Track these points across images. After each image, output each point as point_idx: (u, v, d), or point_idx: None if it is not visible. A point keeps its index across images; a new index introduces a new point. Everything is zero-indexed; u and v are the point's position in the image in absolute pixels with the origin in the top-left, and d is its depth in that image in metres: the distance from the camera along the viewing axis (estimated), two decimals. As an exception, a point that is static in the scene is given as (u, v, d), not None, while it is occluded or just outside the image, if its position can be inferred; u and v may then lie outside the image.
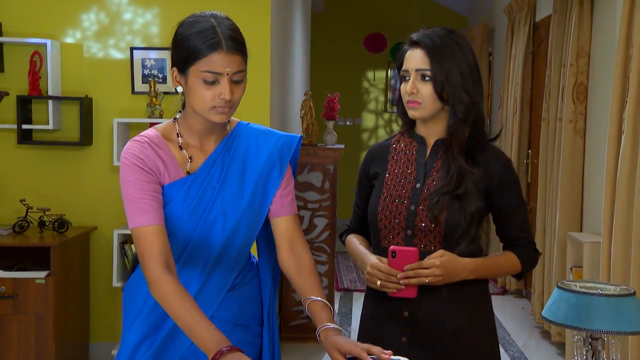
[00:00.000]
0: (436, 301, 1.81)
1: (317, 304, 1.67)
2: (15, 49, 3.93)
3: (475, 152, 1.81)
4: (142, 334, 1.76)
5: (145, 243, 1.60)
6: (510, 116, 5.90)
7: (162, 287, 1.58)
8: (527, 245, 1.88)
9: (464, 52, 1.79)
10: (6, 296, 3.53)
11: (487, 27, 7.36)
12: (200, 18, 1.67)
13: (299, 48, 5.99)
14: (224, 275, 1.76)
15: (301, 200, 4.43)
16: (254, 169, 1.75)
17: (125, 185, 1.64)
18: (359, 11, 8.94)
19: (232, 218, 1.71)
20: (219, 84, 1.62)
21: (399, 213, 1.83)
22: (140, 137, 1.70)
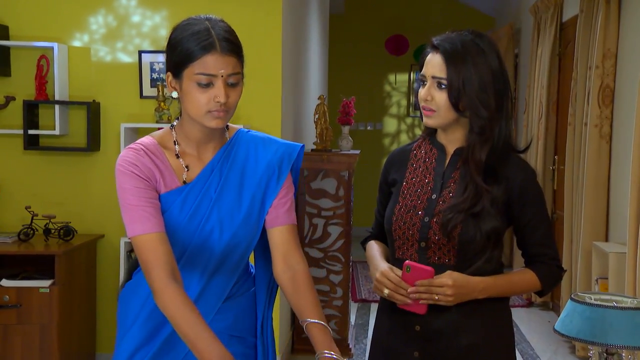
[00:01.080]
0: (449, 315, 1.78)
1: (315, 327, 1.66)
2: (22, 52, 3.99)
3: (497, 167, 1.76)
4: (137, 343, 1.76)
5: (148, 251, 1.60)
6: (536, 120, 5.84)
7: (168, 296, 1.58)
8: (548, 262, 1.83)
9: (487, 60, 1.73)
10: (10, 305, 3.57)
11: (513, 27, 7.31)
12: (194, 21, 1.68)
13: (315, 51, 5.99)
14: (221, 284, 1.76)
15: (314, 208, 4.42)
16: (253, 178, 1.74)
17: (122, 194, 1.64)
18: (381, 12, 8.93)
19: (229, 229, 1.71)
20: (214, 86, 1.61)
21: (412, 224, 1.81)
22: (135, 145, 1.70)
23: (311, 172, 4.42)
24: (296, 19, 4.67)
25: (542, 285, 1.83)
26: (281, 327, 4.17)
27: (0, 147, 3.98)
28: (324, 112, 4.49)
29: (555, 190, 5.59)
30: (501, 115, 1.76)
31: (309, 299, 1.70)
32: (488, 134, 1.75)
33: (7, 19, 3.97)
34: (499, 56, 1.77)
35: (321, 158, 4.40)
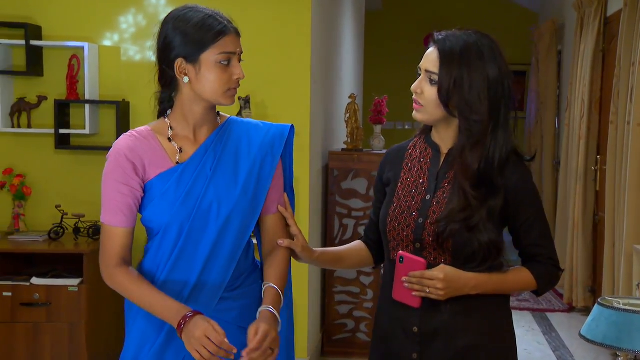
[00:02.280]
0: (446, 316, 1.79)
1: (270, 289, 1.82)
2: (54, 52, 4.09)
3: (494, 178, 1.75)
4: (145, 332, 1.84)
5: (108, 240, 1.81)
6: (578, 119, 5.75)
7: (117, 277, 1.78)
8: (545, 262, 1.83)
9: (485, 65, 1.72)
10: (40, 304, 3.67)
11: (556, 23, 7.20)
12: (191, 10, 1.81)
13: (349, 49, 6.00)
14: (220, 269, 1.83)
15: (344, 208, 4.44)
16: (247, 158, 1.85)
17: (106, 181, 1.80)
18: (420, 9, 8.90)
19: (227, 205, 1.81)
20: (231, 65, 1.79)
21: (407, 226, 1.82)
22: (129, 132, 1.86)
23: (341, 172, 4.43)
24: (327, 16, 4.69)
25: (538, 285, 1.84)
26: (310, 330, 4.19)
27: (33, 146, 4.09)
28: (354, 111, 4.50)
29: (598, 192, 5.50)
30: (496, 123, 1.74)
31: (278, 270, 1.85)
32: (478, 138, 1.73)
33: (41, 20, 4.08)
34: (501, 63, 1.75)
35: (352, 158, 4.41)
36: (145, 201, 1.82)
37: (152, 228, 1.84)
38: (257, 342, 1.69)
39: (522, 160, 1.83)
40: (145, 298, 1.76)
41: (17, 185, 4.01)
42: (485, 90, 1.72)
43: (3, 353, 3.70)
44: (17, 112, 4.06)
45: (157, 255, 1.83)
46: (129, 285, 1.77)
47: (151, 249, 1.85)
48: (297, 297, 4.07)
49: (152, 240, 1.85)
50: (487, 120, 1.73)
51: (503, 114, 1.75)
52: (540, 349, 4.80)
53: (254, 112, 3.98)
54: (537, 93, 7.58)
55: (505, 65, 1.77)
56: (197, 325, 1.68)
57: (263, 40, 4.02)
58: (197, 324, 1.68)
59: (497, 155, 1.75)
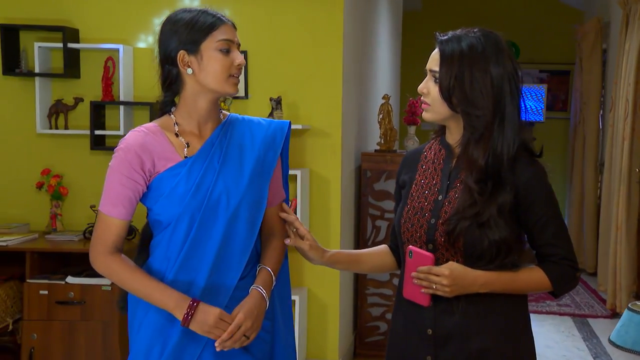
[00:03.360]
0: (459, 318, 1.79)
1: (263, 270, 1.94)
2: (90, 55, 4.19)
3: (502, 173, 1.76)
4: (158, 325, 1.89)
5: (104, 230, 1.88)
6: (622, 120, 5.64)
7: (111, 264, 1.85)
8: (560, 262, 1.81)
9: (488, 61, 1.74)
10: (75, 302, 3.76)
11: (601, 21, 7.08)
12: (184, 11, 1.92)
13: (384, 49, 6.00)
14: (233, 262, 1.90)
15: (377, 210, 4.44)
16: (251, 152, 1.94)
17: (111, 173, 1.87)
18: (460, 8, 8.83)
19: (235, 196, 1.89)
20: (231, 52, 1.87)
21: (420, 226, 1.84)
22: (138, 128, 1.93)
23: (374, 173, 4.44)
24: (360, 17, 4.69)
25: (553, 285, 1.81)
26: (341, 331, 4.21)
27: (69, 147, 4.20)
28: (388, 111, 4.50)
29: (642, 194, 5.39)
30: (501, 118, 1.75)
31: (273, 254, 1.97)
32: (481, 133, 1.75)
33: (78, 23, 4.19)
34: (505, 60, 1.76)
35: (384, 159, 4.41)
36: (155, 195, 1.89)
37: (161, 221, 1.90)
38: (228, 333, 1.80)
39: (534, 157, 1.83)
40: (141, 287, 1.84)
41: (54, 186, 4.12)
42: (487, 86, 1.74)
43: (41, 350, 3.80)
44: (54, 114, 4.17)
45: (168, 248, 1.89)
46: (123, 273, 1.85)
47: (161, 242, 1.90)
48: (328, 298, 4.11)
49: (162, 233, 1.90)
50: (491, 115, 1.75)
51: (509, 110, 1.76)
52: (580, 355, 4.72)
53: (285, 113, 4.02)
54: (580, 93, 7.46)
55: (511, 62, 1.78)
56: (207, 312, 1.79)
57: (295, 42, 4.06)
58: (206, 311, 1.79)
59: (505, 150, 1.75)
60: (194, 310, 1.80)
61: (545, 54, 8.85)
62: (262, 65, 4.08)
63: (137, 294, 1.87)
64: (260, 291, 1.89)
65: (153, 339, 1.89)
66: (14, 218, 4.24)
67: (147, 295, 1.84)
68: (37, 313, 3.79)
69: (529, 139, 1.83)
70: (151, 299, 1.84)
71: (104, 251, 1.87)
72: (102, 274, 1.91)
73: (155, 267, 1.91)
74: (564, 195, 8.54)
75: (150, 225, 1.96)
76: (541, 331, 5.27)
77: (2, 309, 3.75)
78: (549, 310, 5.76)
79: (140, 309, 1.92)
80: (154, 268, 1.91)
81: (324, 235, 4.09)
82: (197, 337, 1.86)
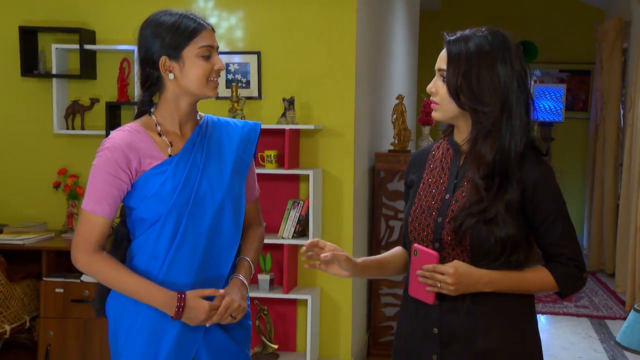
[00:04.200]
0: (465, 317, 1.78)
1: (243, 260, 2.04)
2: (106, 56, 4.22)
3: (510, 170, 1.75)
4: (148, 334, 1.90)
5: (88, 227, 1.88)
6: None
7: (95, 263, 1.87)
8: (566, 263, 1.79)
9: (495, 59, 1.74)
10: (89, 300, 3.79)
11: (621, 20, 6.97)
12: (166, 13, 1.93)
13: (400, 49, 5.96)
14: (221, 256, 1.96)
15: (391, 210, 4.41)
16: (229, 150, 2.00)
17: (96, 171, 1.89)
18: (479, 8, 8.77)
19: (219, 192, 1.94)
20: (211, 58, 1.92)
21: (427, 225, 1.83)
22: (122, 127, 1.94)
23: (388, 174, 4.41)
24: (374, 18, 4.67)
25: (559, 286, 1.79)
26: (354, 331, 4.19)
27: (86, 147, 4.22)
28: (401, 112, 4.47)
29: (661, 195, 5.30)
30: (509, 115, 1.75)
31: (251, 245, 2.08)
32: (489, 129, 1.75)
33: (94, 24, 4.22)
34: (513, 58, 1.76)
35: (398, 159, 4.39)
36: (140, 194, 1.89)
37: (146, 220, 1.90)
38: (218, 315, 1.89)
39: (542, 156, 1.81)
40: (126, 284, 1.86)
41: (70, 185, 4.16)
42: (495, 83, 1.74)
43: (57, 346, 3.84)
44: (71, 114, 4.21)
45: (155, 246, 1.89)
46: (109, 272, 1.88)
47: (147, 241, 1.90)
48: (340, 298, 4.10)
49: (147, 232, 1.90)
50: (498, 112, 1.75)
51: (517, 107, 1.76)
52: (596, 357, 4.66)
53: (298, 114, 4.01)
54: (601, 93, 7.36)
55: (519, 60, 1.78)
56: (197, 309, 1.87)
57: (308, 43, 4.05)
58: (195, 307, 1.86)
59: (512, 147, 1.75)
60: (183, 302, 1.86)
61: (565, 53, 8.75)
62: (275, 66, 4.08)
63: (123, 291, 1.88)
64: (240, 279, 1.99)
65: (150, 337, 1.89)
66: (32, 217, 4.28)
67: (132, 293, 1.86)
68: (53, 311, 3.83)
69: (537, 137, 1.81)
70: (138, 297, 1.86)
71: (87, 250, 1.88)
72: (85, 272, 1.93)
73: (141, 267, 1.91)
74: (583, 195, 8.44)
75: (130, 225, 1.95)
76: (557, 332, 5.21)
77: (19, 307, 3.79)
78: (566, 312, 5.69)
79: (128, 310, 1.92)
80: (140, 268, 1.91)
81: (336, 235, 4.07)
82: (193, 331, 1.91)
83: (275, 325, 4.07)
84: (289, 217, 3.92)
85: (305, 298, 3.96)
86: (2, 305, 3.68)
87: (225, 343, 1.97)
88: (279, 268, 4.05)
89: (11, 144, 4.29)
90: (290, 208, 3.94)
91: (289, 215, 3.93)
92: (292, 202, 3.96)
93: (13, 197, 4.29)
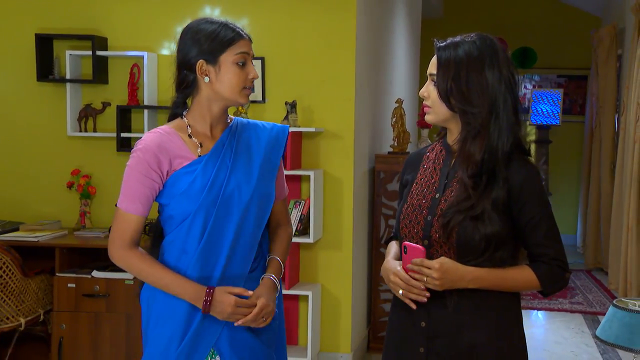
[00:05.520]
0: (453, 313, 1.79)
1: (273, 260, 2.05)
2: (118, 61, 4.26)
3: (497, 169, 1.77)
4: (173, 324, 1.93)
5: (124, 226, 1.93)
6: (632, 123, 5.54)
7: (131, 258, 1.92)
8: (549, 262, 1.80)
9: (482, 64, 1.77)
10: (100, 295, 3.83)
11: (616, 27, 6.96)
12: (207, 21, 1.98)
13: (402, 55, 5.98)
14: (244, 252, 1.97)
15: (390, 209, 4.43)
16: (258, 151, 2.02)
17: (129, 172, 1.93)
18: (480, 15, 8.77)
19: (247, 192, 1.97)
20: (246, 66, 1.95)
21: (417, 223, 1.85)
22: (154, 130, 2.00)
23: (387, 175, 4.43)
24: (375, 24, 4.69)
25: (542, 285, 1.80)
26: (353, 326, 4.21)
27: (97, 149, 4.27)
28: (401, 115, 4.49)
29: (652, 196, 5.29)
30: (497, 116, 1.77)
31: (281, 245, 2.09)
32: (478, 129, 1.77)
33: (106, 32, 4.26)
34: (502, 62, 1.78)
35: (397, 160, 4.40)
36: (171, 191, 1.93)
37: (175, 217, 1.94)
38: (254, 315, 1.90)
39: (528, 157, 1.83)
40: (159, 279, 1.90)
41: (83, 185, 4.20)
42: (483, 85, 1.76)
43: (69, 339, 3.88)
44: (84, 117, 4.25)
45: (186, 242, 1.93)
46: (142, 266, 1.91)
47: (177, 238, 1.94)
48: (341, 294, 4.11)
49: (177, 229, 1.95)
50: (487, 112, 1.77)
51: (504, 109, 1.78)
52: (588, 352, 4.66)
53: (300, 117, 4.04)
54: (597, 97, 7.35)
55: (507, 65, 1.80)
56: (223, 303, 1.88)
57: (309, 48, 4.07)
58: (222, 301, 1.88)
59: (500, 146, 1.77)
60: (211, 297, 1.88)
61: (563, 59, 8.74)
62: (278, 70, 4.11)
63: (156, 285, 1.92)
64: (273, 279, 1.99)
65: (176, 325, 1.93)
66: (47, 215, 4.32)
67: (165, 286, 1.91)
68: (65, 305, 3.86)
69: (523, 137, 1.84)
70: (170, 290, 1.91)
71: (122, 246, 1.92)
72: (121, 267, 1.97)
73: (172, 263, 1.95)
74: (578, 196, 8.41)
75: (162, 222, 2.00)
76: (551, 328, 5.21)
77: (34, 301, 3.83)
78: (561, 308, 5.69)
79: (157, 301, 1.96)
80: (171, 263, 1.95)
81: (336, 234, 4.10)
82: (214, 322, 1.92)
83: (278, 319, 4.09)
84: (291, 216, 3.95)
85: (306, 294, 3.99)
86: (18, 299, 3.73)
87: (249, 340, 1.97)
88: (281, 265, 4.07)
89: (27, 145, 4.34)
90: (292, 207, 3.97)
91: (291, 214, 3.95)
92: (294, 202, 3.98)
93: (29, 196, 4.34)
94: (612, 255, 6.13)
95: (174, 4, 4.21)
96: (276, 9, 4.11)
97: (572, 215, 8.45)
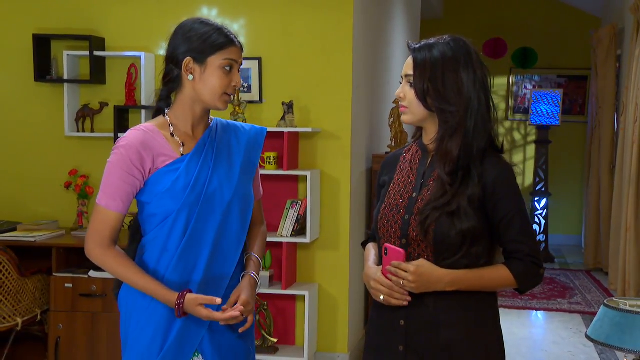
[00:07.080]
0: (431, 311, 1.80)
1: (251, 258, 2.07)
2: (115, 62, 4.27)
3: (472, 166, 1.79)
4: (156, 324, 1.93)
5: (102, 222, 1.92)
6: (631, 124, 5.54)
7: (107, 257, 1.91)
8: (524, 259, 1.81)
9: (457, 65, 1.79)
10: (97, 295, 3.83)
11: (616, 27, 6.96)
12: (202, 22, 1.95)
13: (399, 56, 5.98)
14: (228, 253, 1.98)
15: (387, 210, 4.42)
16: (238, 151, 2.04)
17: (110, 168, 1.92)
18: (480, 16, 8.77)
19: (228, 191, 1.98)
20: (231, 73, 1.94)
21: (395, 222, 1.86)
22: (137, 127, 1.97)
23: (384, 175, 4.42)
24: (372, 24, 4.69)
25: (518, 282, 1.81)
26: (350, 326, 4.21)
27: (95, 149, 4.28)
28: (398, 115, 4.48)
29: (651, 196, 5.28)
30: (472, 114, 1.79)
31: (258, 242, 2.12)
32: (455, 127, 1.79)
33: (104, 32, 4.27)
34: (475, 63, 1.81)
35: (394, 160, 4.40)
36: (154, 190, 1.92)
37: (158, 215, 1.92)
38: (232, 316, 1.89)
39: (501, 155, 1.85)
40: (134, 283, 1.90)
41: (81, 185, 4.20)
42: (459, 84, 1.79)
43: (66, 339, 3.88)
44: (81, 118, 4.26)
45: (167, 241, 1.92)
46: (117, 267, 1.91)
47: (158, 237, 1.93)
48: (337, 294, 4.11)
49: (158, 228, 1.93)
50: (463, 111, 1.79)
51: (479, 107, 1.80)
52: (585, 352, 4.65)
53: (297, 117, 4.04)
54: (596, 97, 7.34)
55: (480, 66, 1.82)
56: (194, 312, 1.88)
57: (306, 49, 4.07)
58: (193, 311, 1.88)
59: (475, 143, 1.79)
60: (182, 304, 1.88)
61: (563, 59, 8.73)
62: (275, 71, 4.11)
63: (132, 285, 1.91)
64: (253, 276, 2.02)
65: (156, 329, 1.92)
66: (44, 215, 4.33)
67: (142, 288, 1.90)
68: (62, 304, 3.87)
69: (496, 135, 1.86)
70: (146, 292, 1.90)
71: (100, 243, 1.90)
72: (97, 264, 1.95)
73: (152, 262, 1.94)
74: (582, 196, 8.40)
75: (142, 221, 1.98)
76: (550, 328, 5.21)
77: (31, 300, 3.84)
78: (559, 308, 5.68)
79: (138, 305, 1.95)
80: (151, 263, 1.94)
81: (333, 234, 4.10)
82: (197, 325, 1.93)
83: (275, 319, 4.09)
84: (288, 216, 3.95)
85: (303, 294, 3.99)
86: (15, 299, 3.73)
87: (228, 338, 1.98)
88: (278, 265, 4.08)
89: (25, 145, 4.34)
90: (289, 208, 3.97)
91: (288, 214, 3.95)
92: (290, 202, 3.98)
93: (26, 196, 4.35)
94: (612, 255, 6.12)
95: (171, 4, 4.21)
96: (273, 9, 4.12)
97: (576, 216, 8.44)
